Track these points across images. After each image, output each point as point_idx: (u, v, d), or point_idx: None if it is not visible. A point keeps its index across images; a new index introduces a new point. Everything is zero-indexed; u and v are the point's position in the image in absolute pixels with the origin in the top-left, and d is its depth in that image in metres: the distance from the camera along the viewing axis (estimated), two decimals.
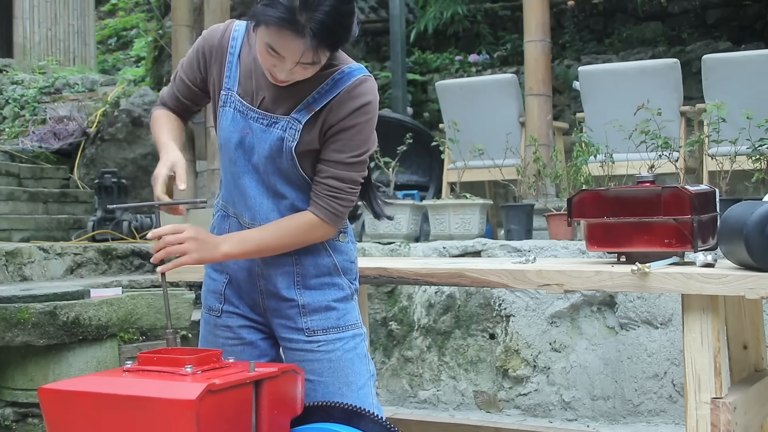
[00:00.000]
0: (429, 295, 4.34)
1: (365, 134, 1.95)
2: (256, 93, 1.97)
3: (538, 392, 4.04)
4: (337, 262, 2.05)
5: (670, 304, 3.80)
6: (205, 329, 2.15)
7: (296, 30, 1.75)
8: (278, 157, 1.95)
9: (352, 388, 2.01)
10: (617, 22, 8.82)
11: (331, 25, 1.77)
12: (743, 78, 4.68)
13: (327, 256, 2.04)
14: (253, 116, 1.96)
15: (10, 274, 4.37)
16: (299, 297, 2.02)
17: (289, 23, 1.75)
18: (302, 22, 1.74)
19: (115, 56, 12.49)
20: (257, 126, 1.96)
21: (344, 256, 2.08)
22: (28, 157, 7.43)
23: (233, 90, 1.99)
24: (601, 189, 2.38)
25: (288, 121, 1.93)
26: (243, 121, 1.97)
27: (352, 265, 2.10)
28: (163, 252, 1.86)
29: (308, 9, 1.74)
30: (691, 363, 2.05)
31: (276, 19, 1.75)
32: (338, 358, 2.01)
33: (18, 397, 3.31)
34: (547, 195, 4.80)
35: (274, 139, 1.94)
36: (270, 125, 1.94)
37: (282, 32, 1.76)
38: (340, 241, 2.07)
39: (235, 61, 1.99)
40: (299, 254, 2.02)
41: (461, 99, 5.55)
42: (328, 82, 1.92)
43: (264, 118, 1.95)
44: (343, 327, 2.04)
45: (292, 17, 1.74)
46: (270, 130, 1.94)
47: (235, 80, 1.99)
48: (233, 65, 1.99)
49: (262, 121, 1.95)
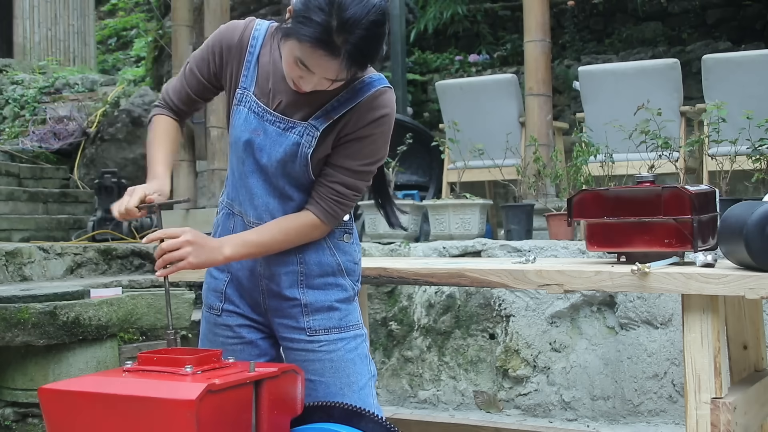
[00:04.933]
0: (429, 295, 4.34)
1: (378, 144, 1.96)
2: (274, 96, 1.96)
3: (538, 392, 4.04)
4: (341, 263, 2.05)
5: (670, 304, 3.80)
6: (206, 327, 2.15)
7: (331, 51, 1.74)
8: (291, 162, 1.94)
9: (353, 389, 2.01)
10: (617, 22, 8.82)
11: (366, 48, 1.77)
12: (743, 78, 4.68)
13: (331, 256, 2.04)
14: (270, 119, 1.95)
15: (10, 274, 4.37)
16: (302, 296, 2.02)
17: (325, 44, 1.73)
18: (338, 43, 1.73)
19: (115, 56, 12.49)
20: (273, 129, 1.94)
21: (348, 256, 2.08)
22: (28, 157, 7.43)
23: (250, 90, 1.97)
24: (601, 189, 2.38)
25: (305, 128, 1.92)
26: (257, 122, 1.96)
27: (355, 267, 2.10)
28: (161, 261, 1.85)
29: (345, 31, 1.73)
30: (691, 363, 2.05)
31: (311, 39, 1.73)
32: (339, 358, 2.01)
33: (18, 397, 3.31)
34: (547, 195, 4.80)
35: (290, 144, 1.93)
36: (287, 129, 1.93)
37: (316, 51, 1.75)
38: (345, 241, 2.07)
39: (254, 62, 1.98)
40: (303, 254, 2.01)
41: (461, 99, 5.55)
42: (349, 90, 1.92)
43: (281, 122, 1.94)
44: (345, 327, 2.04)
45: (328, 38, 1.73)
46: (286, 134, 1.93)
47: (253, 80, 1.97)
48: (252, 65, 1.98)
49: (279, 125, 1.94)
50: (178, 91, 2.09)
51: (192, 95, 2.08)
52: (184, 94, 2.09)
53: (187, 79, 2.07)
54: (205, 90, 2.08)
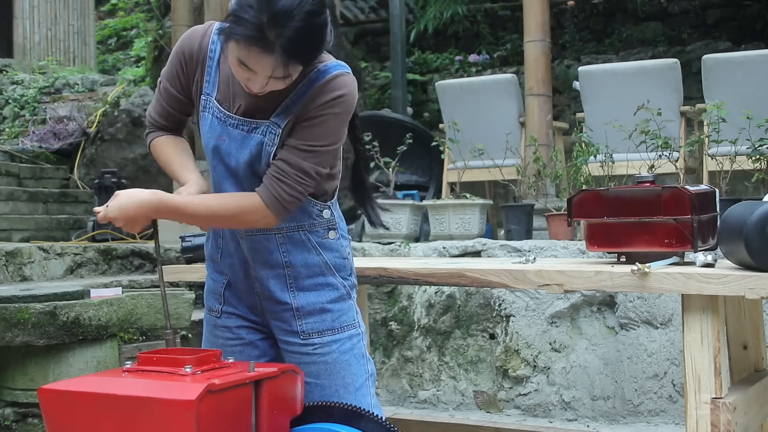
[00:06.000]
0: (429, 295, 4.33)
1: (329, 127, 1.89)
2: (234, 99, 1.94)
3: (538, 392, 4.04)
4: (327, 260, 2.02)
5: (670, 304, 3.80)
6: (206, 329, 2.16)
7: (265, 47, 1.72)
8: (258, 162, 1.93)
9: (349, 390, 2.01)
10: (617, 22, 8.83)
11: (301, 40, 1.73)
12: (743, 78, 4.68)
13: (316, 255, 2.01)
14: (232, 123, 1.94)
15: (10, 274, 4.37)
16: (293, 300, 2.00)
17: (258, 41, 1.72)
18: (271, 38, 1.71)
19: (115, 56, 12.48)
20: (236, 132, 1.93)
21: (335, 253, 2.04)
22: (28, 157, 7.43)
23: (212, 95, 1.96)
24: (601, 189, 2.38)
25: (267, 126, 1.91)
26: (221, 127, 1.95)
27: (345, 261, 2.07)
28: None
29: (277, 25, 1.70)
30: (691, 363, 2.05)
31: (245, 37, 1.72)
32: (334, 360, 2.01)
33: (18, 397, 3.31)
34: (547, 195, 4.80)
35: (254, 145, 1.92)
36: (250, 131, 1.92)
37: (251, 49, 1.73)
38: (330, 238, 2.03)
39: (215, 66, 1.97)
40: (288, 257, 2.00)
41: (461, 99, 5.55)
42: (305, 82, 1.89)
43: (243, 125, 1.93)
44: (339, 328, 2.02)
45: (261, 34, 1.71)
46: (250, 136, 1.92)
47: (215, 86, 1.96)
48: (213, 70, 1.97)
49: (242, 128, 1.93)
50: (159, 111, 2.08)
51: (174, 112, 2.07)
52: (166, 112, 2.07)
53: (164, 97, 2.06)
54: (184, 105, 2.06)
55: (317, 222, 2.02)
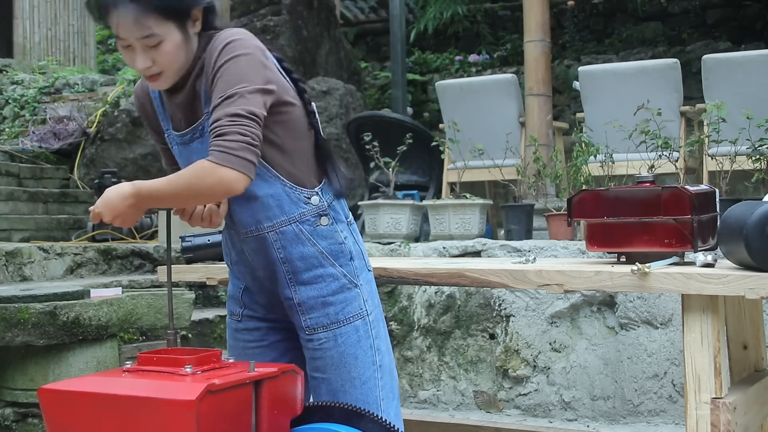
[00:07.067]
0: (429, 295, 4.33)
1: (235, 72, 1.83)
2: (175, 118, 2.01)
3: (538, 392, 4.04)
4: (322, 249, 1.98)
5: (670, 304, 3.80)
6: (228, 333, 2.19)
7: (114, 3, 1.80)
8: None
9: (356, 384, 2.00)
10: (617, 22, 8.83)
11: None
12: (743, 78, 4.68)
13: (311, 246, 1.97)
14: (186, 139, 1.99)
15: (10, 274, 4.37)
16: (295, 295, 1.99)
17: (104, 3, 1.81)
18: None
19: (115, 56, 12.47)
20: (194, 145, 1.97)
21: (329, 240, 1.99)
22: (28, 157, 7.42)
23: (169, 128, 2.04)
24: (601, 189, 2.38)
25: (205, 118, 1.93)
26: (183, 149, 2.01)
27: (341, 247, 2.00)
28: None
29: None
30: (691, 363, 2.05)
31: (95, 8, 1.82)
32: (340, 354, 1.99)
33: (18, 397, 3.31)
34: (547, 195, 4.80)
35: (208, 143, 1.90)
36: (200, 135, 1.95)
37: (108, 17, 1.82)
38: (323, 225, 1.98)
39: (160, 104, 2.05)
40: (284, 252, 1.98)
41: (461, 99, 5.55)
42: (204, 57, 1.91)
43: (192, 133, 1.97)
44: (343, 321, 2.00)
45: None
46: (203, 138, 1.94)
47: (168, 120, 2.04)
48: (160, 108, 2.05)
49: (193, 137, 1.97)
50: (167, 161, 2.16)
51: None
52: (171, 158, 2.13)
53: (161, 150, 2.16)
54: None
55: (306, 210, 1.97)
